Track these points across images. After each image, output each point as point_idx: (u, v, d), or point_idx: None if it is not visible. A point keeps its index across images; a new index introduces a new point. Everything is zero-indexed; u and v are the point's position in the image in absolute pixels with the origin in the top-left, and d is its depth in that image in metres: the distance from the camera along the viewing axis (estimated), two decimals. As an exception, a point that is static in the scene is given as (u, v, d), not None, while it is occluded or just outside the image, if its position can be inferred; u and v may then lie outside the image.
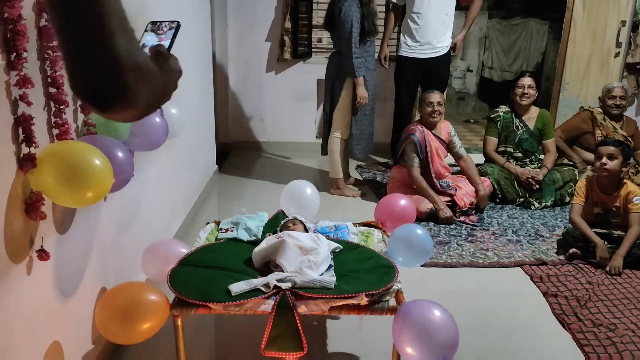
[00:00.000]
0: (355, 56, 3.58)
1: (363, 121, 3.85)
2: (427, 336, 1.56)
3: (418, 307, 1.64)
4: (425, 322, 1.58)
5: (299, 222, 2.22)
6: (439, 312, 1.61)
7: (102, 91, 0.62)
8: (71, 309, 1.78)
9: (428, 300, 1.67)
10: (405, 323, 1.61)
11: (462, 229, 3.35)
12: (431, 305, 1.64)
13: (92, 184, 1.50)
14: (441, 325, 1.58)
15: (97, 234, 1.98)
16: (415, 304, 1.66)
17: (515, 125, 3.94)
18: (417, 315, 1.61)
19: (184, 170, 3.30)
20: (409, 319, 1.61)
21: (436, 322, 1.59)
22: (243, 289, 1.73)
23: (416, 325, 1.58)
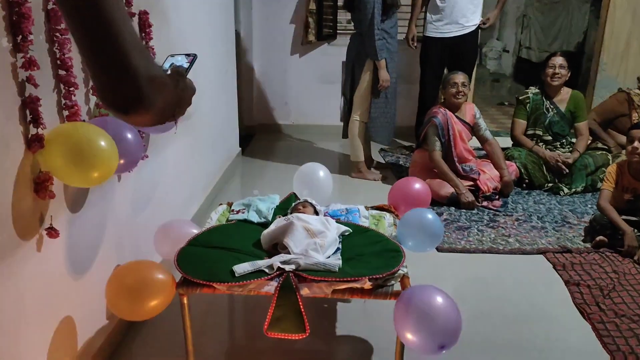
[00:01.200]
0: (377, 37, 3.52)
1: (383, 105, 3.79)
2: (426, 322, 1.53)
3: (420, 293, 1.61)
4: (425, 308, 1.56)
5: (309, 205, 2.22)
6: (441, 299, 1.58)
7: (122, 99, 0.74)
8: (84, 285, 1.84)
9: (431, 286, 1.65)
10: (406, 308, 1.58)
11: (484, 214, 3.28)
12: (434, 291, 1.61)
13: (98, 164, 1.53)
14: (442, 312, 1.55)
15: (111, 214, 2.03)
16: (418, 289, 1.64)
17: (545, 107, 3.80)
18: (419, 300, 1.59)
19: (204, 153, 3.33)
20: (410, 304, 1.58)
21: (437, 308, 1.56)
22: (247, 270, 1.74)
23: (416, 311, 1.56)
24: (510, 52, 9.82)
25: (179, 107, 0.84)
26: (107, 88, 0.73)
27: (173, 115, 0.84)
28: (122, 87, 0.73)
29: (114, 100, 0.74)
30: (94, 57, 0.71)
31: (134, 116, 0.76)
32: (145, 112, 0.76)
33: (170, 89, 0.80)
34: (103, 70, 0.72)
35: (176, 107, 0.83)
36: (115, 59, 0.70)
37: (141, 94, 0.73)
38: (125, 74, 0.71)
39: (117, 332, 2.08)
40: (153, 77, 0.74)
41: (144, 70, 0.72)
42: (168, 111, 0.82)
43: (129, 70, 0.71)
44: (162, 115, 0.80)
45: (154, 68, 0.75)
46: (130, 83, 0.72)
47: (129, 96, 0.73)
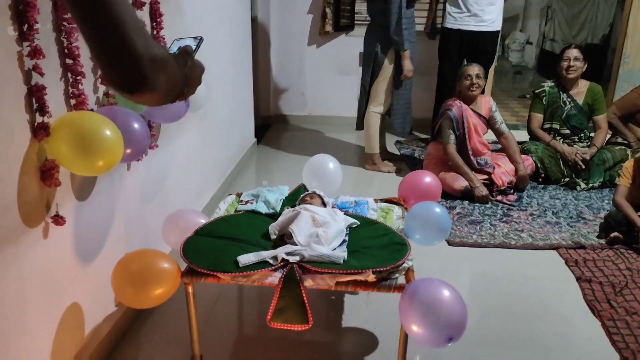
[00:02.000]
0: (403, 27, 3.50)
1: (404, 95, 3.76)
2: (433, 315, 1.52)
3: (426, 285, 1.60)
4: (431, 300, 1.54)
5: (317, 196, 2.21)
6: (446, 291, 1.56)
7: (125, 80, 0.76)
8: (93, 272, 1.87)
9: (437, 279, 1.63)
10: (412, 301, 1.57)
11: (497, 209, 3.23)
12: (439, 284, 1.59)
13: (102, 153, 1.55)
14: (448, 305, 1.53)
15: (120, 202, 2.05)
16: (423, 282, 1.62)
17: (562, 100, 3.72)
18: (424, 293, 1.57)
19: (217, 142, 3.35)
20: (415, 296, 1.57)
21: (443, 301, 1.54)
22: (251, 261, 1.74)
23: (422, 304, 1.54)
24: (533, 44, 9.63)
25: (187, 86, 0.86)
26: (109, 69, 0.75)
27: (182, 94, 0.86)
28: (123, 68, 0.74)
29: (118, 81, 0.76)
30: (94, 38, 0.72)
31: (140, 96, 0.78)
32: (150, 91, 0.77)
33: (174, 68, 0.82)
34: (104, 51, 0.73)
35: (184, 86, 0.85)
36: (115, 40, 0.72)
37: (143, 73, 0.75)
38: (125, 54, 0.73)
39: (125, 320, 2.11)
40: (154, 56, 0.75)
41: (143, 51, 0.74)
42: (175, 90, 0.84)
43: (129, 51, 0.72)
44: (168, 94, 0.83)
45: (154, 48, 0.76)
46: (131, 63, 0.74)
47: (131, 76, 0.75)
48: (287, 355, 2.01)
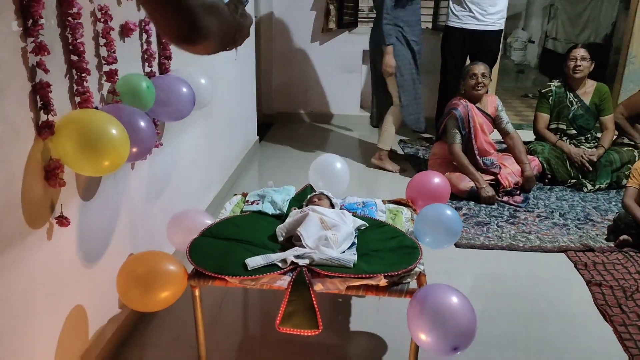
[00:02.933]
0: (385, 22, 3.51)
1: (408, 90, 3.71)
2: (440, 323, 1.48)
3: (435, 292, 1.56)
4: (440, 308, 1.50)
5: (325, 197, 2.17)
6: (456, 299, 1.52)
7: (181, 30, 0.80)
8: (96, 274, 1.83)
9: (447, 285, 1.59)
10: (420, 308, 1.53)
11: (504, 210, 3.20)
12: (449, 291, 1.55)
13: (108, 152, 1.51)
14: (457, 313, 1.49)
15: (125, 202, 2.01)
16: (433, 288, 1.58)
17: (569, 100, 3.68)
18: (433, 300, 1.53)
19: (220, 141, 3.30)
20: (423, 303, 1.53)
21: (452, 308, 1.50)
22: (259, 264, 1.70)
23: (430, 311, 1.50)
24: (535, 43, 9.59)
25: (238, 34, 0.92)
26: (165, 24, 0.81)
27: (234, 40, 0.91)
28: (177, 19, 0.78)
29: (176, 32, 0.80)
30: None
31: (196, 45, 0.83)
32: (204, 39, 0.82)
33: (225, 12, 0.86)
34: (158, 8, 0.78)
35: (236, 32, 0.90)
36: None
37: (196, 21, 0.79)
38: (177, 4, 0.77)
39: (129, 322, 2.07)
40: (205, 5, 0.80)
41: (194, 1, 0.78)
42: (228, 36, 0.89)
43: (180, 1, 0.77)
44: (222, 40, 0.88)
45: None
46: (184, 12, 0.77)
47: (187, 26, 0.79)
48: (293, 359, 1.98)
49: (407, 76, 3.64)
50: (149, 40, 2.10)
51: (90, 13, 1.68)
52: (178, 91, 2.05)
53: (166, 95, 2.01)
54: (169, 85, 2.05)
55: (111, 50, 1.77)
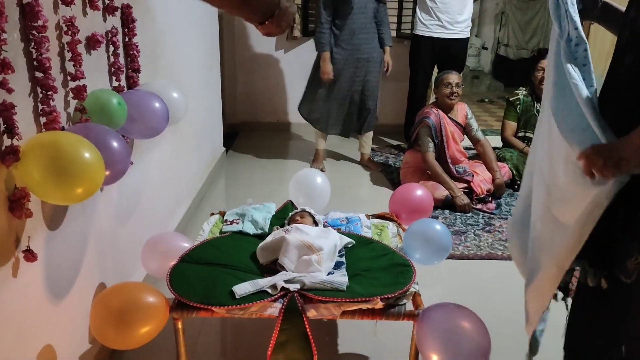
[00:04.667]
0: (319, 29, 3.65)
1: (323, 98, 3.82)
2: (455, 344, 1.43)
3: (445, 311, 1.50)
4: (454, 328, 1.45)
5: (307, 215, 2.08)
6: (469, 318, 1.48)
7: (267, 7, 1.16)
8: (65, 309, 1.67)
9: (452, 303, 1.54)
10: (431, 329, 1.48)
11: (479, 218, 3.20)
12: (461, 310, 1.51)
13: (82, 179, 1.37)
14: (472, 333, 1.45)
15: (93, 228, 1.86)
16: (442, 307, 1.53)
17: (535, 109, 3.73)
18: (445, 320, 1.48)
19: (188, 155, 3.16)
20: (435, 324, 1.48)
21: (467, 328, 1.45)
22: (248, 291, 1.60)
23: (444, 332, 1.45)
24: (489, 49, 9.83)
25: (281, 17, 1.18)
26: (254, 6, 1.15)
27: (273, 15, 1.17)
28: None
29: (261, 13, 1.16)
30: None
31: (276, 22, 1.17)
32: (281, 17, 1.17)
33: None
34: None
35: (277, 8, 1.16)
36: None
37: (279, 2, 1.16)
38: None
39: (102, 357, 1.91)
40: None
41: None
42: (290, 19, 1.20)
43: None
44: (290, 21, 1.20)
45: None
46: None
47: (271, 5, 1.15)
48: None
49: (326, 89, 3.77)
50: (116, 52, 1.96)
51: (55, 25, 1.53)
52: (150, 107, 1.92)
53: (138, 111, 1.88)
54: (140, 101, 1.91)
55: (78, 65, 1.63)
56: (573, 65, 1.24)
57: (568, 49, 1.27)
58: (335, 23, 3.68)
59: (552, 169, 1.29)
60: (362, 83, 3.78)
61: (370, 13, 3.67)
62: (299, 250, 1.76)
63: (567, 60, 1.25)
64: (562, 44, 1.28)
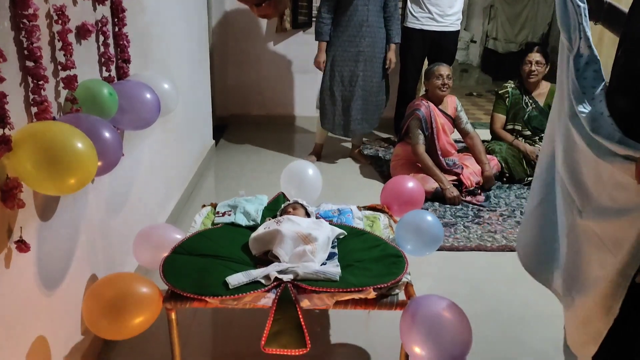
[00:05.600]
0: (320, 19, 3.65)
1: (328, 92, 3.81)
2: (436, 335, 1.44)
3: (428, 303, 1.52)
4: (435, 320, 1.47)
5: (300, 207, 2.09)
6: (449, 309, 1.49)
7: None
8: (57, 300, 1.66)
9: (438, 296, 1.55)
10: (414, 320, 1.49)
11: (468, 210, 3.23)
12: (442, 301, 1.52)
13: (75, 169, 1.36)
14: (452, 324, 1.46)
15: (85, 219, 1.85)
16: (425, 299, 1.54)
17: (524, 102, 3.77)
18: (427, 312, 1.49)
19: (178, 147, 3.14)
20: (417, 315, 1.49)
21: (447, 320, 1.47)
22: (241, 281, 1.61)
23: (425, 323, 1.47)
24: (477, 43, 9.87)
25: None
26: None
27: None
28: None
29: None
30: None
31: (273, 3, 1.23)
32: None
33: None
34: None
35: None
36: None
37: None
38: None
39: (93, 348, 1.90)
40: None
41: None
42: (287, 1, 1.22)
43: None
44: (286, 3, 1.29)
45: None
46: None
47: None
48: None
49: (337, 83, 3.77)
50: (106, 42, 1.94)
51: (46, 14, 1.52)
52: (141, 97, 1.91)
53: (128, 102, 1.87)
54: (131, 91, 1.90)
55: (69, 54, 1.61)
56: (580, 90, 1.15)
57: (575, 68, 1.20)
58: (337, 14, 3.64)
59: None
60: (364, 79, 3.74)
61: (376, 6, 3.62)
62: (294, 242, 1.77)
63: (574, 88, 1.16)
64: (571, 61, 1.20)
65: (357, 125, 3.87)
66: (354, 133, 3.94)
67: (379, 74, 3.78)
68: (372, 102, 3.82)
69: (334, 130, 3.88)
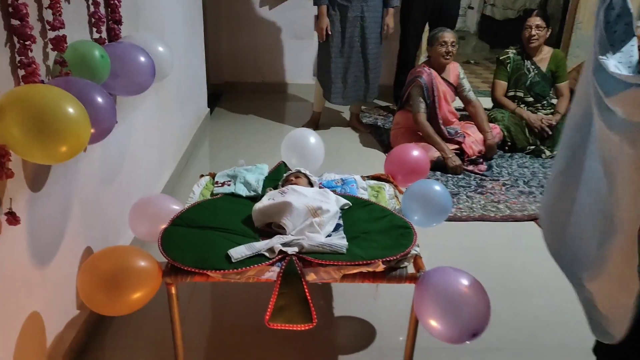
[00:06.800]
0: None
1: (325, 58, 3.68)
2: (455, 309, 1.40)
3: (444, 276, 1.46)
4: (453, 292, 1.42)
5: (302, 176, 2.01)
6: (468, 282, 1.44)
7: None
8: (51, 273, 1.59)
9: (453, 268, 1.50)
10: (430, 293, 1.44)
11: (470, 180, 3.17)
12: (459, 274, 1.47)
13: (66, 136, 1.27)
14: (471, 297, 1.41)
15: (77, 189, 1.76)
16: (441, 272, 1.49)
17: (526, 67, 3.67)
18: (444, 284, 1.44)
19: (172, 115, 3.04)
20: (434, 288, 1.44)
21: (465, 293, 1.42)
22: (244, 255, 1.54)
23: (443, 296, 1.41)
24: (474, 9, 9.67)
25: None
26: None
27: None
28: None
29: None
30: None
31: None
32: None
33: None
34: None
35: None
36: None
37: None
38: None
39: (90, 324, 1.85)
40: None
41: None
42: None
43: None
44: None
45: None
46: None
47: None
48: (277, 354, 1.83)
49: (335, 48, 3.62)
50: (96, 1, 1.81)
51: (30, -33, 1.40)
52: (135, 61, 1.80)
53: (121, 65, 1.76)
54: (124, 54, 1.79)
55: (57, 12, 1.50)
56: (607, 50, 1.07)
57: (605, 20, 1.12)
58: None
59: None
60: (363, 45, 3.62)
61: None
62: (304, 215, 1.70)
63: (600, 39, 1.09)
64: (601, 13, 1.13)
65: (356, 93, 3.76)
66: (353, 101, 3.83)
67: (377, 40, 3.66)
68: (372, 69, 3.71)
69: (332, 98, 3.77)
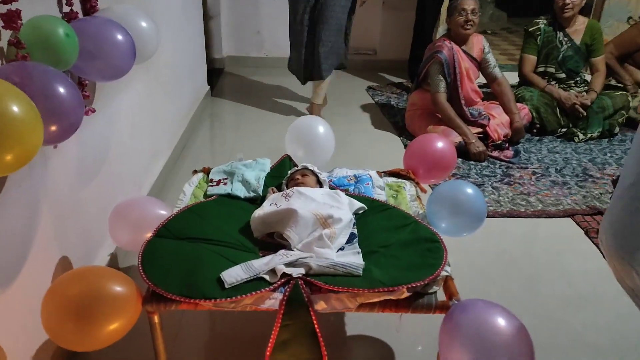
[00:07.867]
0: None
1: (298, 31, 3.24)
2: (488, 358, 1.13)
3: (479, 311, 1.19)
4: (489, 337, 1.15)
5: (310, 174, 1.73)
6: (508, 324, 1.17)
7: None
8: (16, 297, 1.34)
9: (491, 302, 1.23)
10: (461, 333, 1.17)
11: (495, 167, 2.87)
12: (497, 311, 1.19)
13: (10, 143, 1.00)
14: (511, 345, 1.14)
15: (47, 193, 1.50)
16: (476, 306, 1.22)
17: (558, 40, 3.32)
18: (478, 324, 1.17)
19: (165, 98, 2.74)
20: (465, 327, 1.17)
21: (504, 339, 1.14)
22: (240, 279, 1.27)
23: (477, 339, 1.14)
24: (493, -25, 9.17)
25: None
26: None
27: None
28: None
29: None
30: None
31: None
32: None
33: None
34: None
35: None
36: None
37: None
38: None
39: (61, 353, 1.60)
40: None
41: None
42: None
43: None
44: None
45: None
46: None
47: None
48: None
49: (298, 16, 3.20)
50: (64, -33, 1.51)
51: None
52: (111, 39, 1.51)
53: (95, 45, 1.47)
54: (97, 32, 1.49)
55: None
56: None
57: None
58: None
59: None
60: (323, 12, 3.12)
61: None
62: (311, 225, 1.43)
63: None
64: None
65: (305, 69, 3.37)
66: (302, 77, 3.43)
67: (340, 10, 3.15)
68: (327, 42, 3.21)
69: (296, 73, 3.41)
